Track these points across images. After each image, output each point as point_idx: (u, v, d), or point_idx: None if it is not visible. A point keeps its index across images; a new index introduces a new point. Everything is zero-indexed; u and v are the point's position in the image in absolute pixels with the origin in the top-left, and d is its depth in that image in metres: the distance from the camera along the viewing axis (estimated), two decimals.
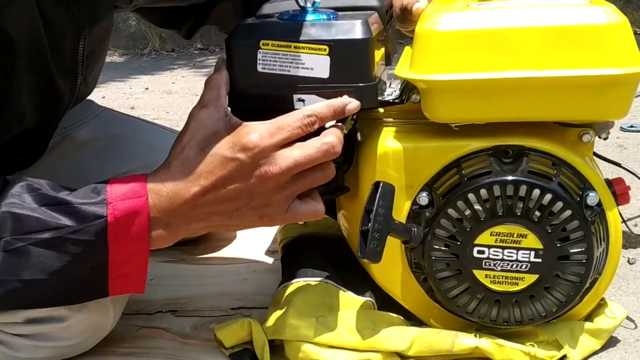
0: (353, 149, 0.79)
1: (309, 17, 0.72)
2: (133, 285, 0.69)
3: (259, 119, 0.68)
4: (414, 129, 0.77)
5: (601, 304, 0.79)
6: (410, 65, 0.72)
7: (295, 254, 0.89)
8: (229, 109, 0.69)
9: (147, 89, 2.73)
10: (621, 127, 1.70)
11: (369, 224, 0.69)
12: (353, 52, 0.69)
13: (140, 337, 0.85)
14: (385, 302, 0.81)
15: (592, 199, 0.71)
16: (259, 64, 0.71)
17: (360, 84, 0.70)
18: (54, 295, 0.68)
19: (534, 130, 0.73)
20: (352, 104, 0.69)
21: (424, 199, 0.74)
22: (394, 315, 0.79)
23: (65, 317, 0.73)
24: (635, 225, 1.09)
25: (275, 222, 0.69)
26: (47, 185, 0.67)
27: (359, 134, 0.81)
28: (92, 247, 0.65)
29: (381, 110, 0.80)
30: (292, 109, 0.71)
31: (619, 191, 0.75)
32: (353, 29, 0.69)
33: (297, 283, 0.80)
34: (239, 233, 1.12)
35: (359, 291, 0.81)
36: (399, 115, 0.78)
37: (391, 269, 0.78)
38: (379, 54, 0.75)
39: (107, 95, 2.63)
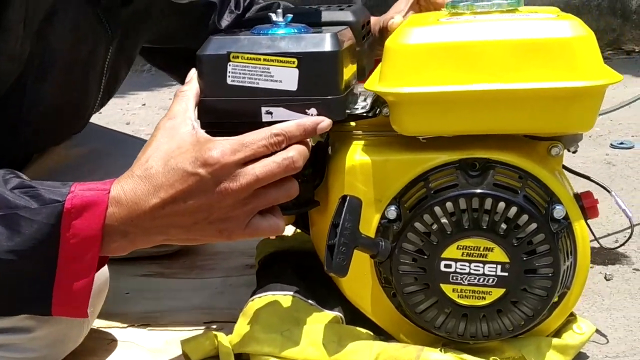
0: (324, 162, 0.79)
1: (280, 31, 0.73)
2: (77, 298, 0.65)
3: (229, 131, 0.68)
4: (383, 142, 0.76)
5: (570, 320, 0.78)
6: (379, 79, 0.72)
7: (268, 268, 0.89)
8: (197, 122, 0.69)
9: (144, 104, 2.74)
10: (611, 144, 1.70)
11: (336, 238, 0.69)
12: (321, 65, 0.69)
13: (110, 350, 0.84)
14: (356, 317, 0.80)
15: (558, 212, 0.71)
16: (229, 76, 0.71)
17: (329, 97, 0.70)
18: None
19: (501, 143, 0.73)
20: (323, 122, 0.69)
21: (392, 213, 0.74)
22: (362, 330, 0.78)
23: (31, 328, 0.73)
24: (616, 240, 1.09)
25: (235, 237, 0.68)
26: (19, 173, 0.67)
27: (330, 147, 0.81)
28: (45, 232, 0.63)
29: (353, 123, 0.80)
30: (261, 121, 0.71)
31: (587, 205, 0.75)
32: (322, 42, 0.69)
33: (266, 297, 0.79)
34: (219, 247, 1.12)
35: (328, 306, 0.80)
36: (370, 128, 0.78)
37: (361, 284, 0.78)
38: (350, 68, 0.75)
39: (103, 110, 2.63)
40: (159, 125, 0.69)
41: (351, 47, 0.76)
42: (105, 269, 0.83)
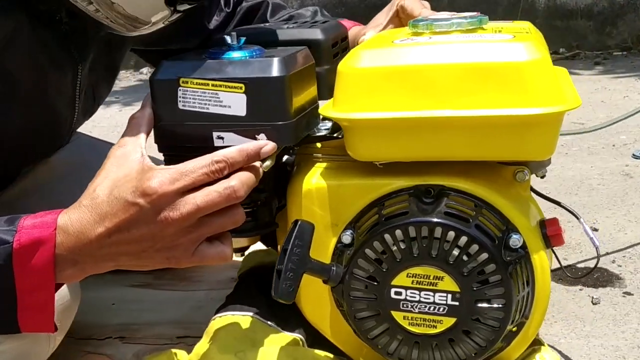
0: (286, 184, 0.79)
1: (234, 54, 0.72)
2: (42, 319, 0.68)
3: (185, 156, 0.69)
4: (341, 166, 0.75)
5: (535, 349, 0.76)
6: (333, 103, 0.71)
7: (238, 285, 0.89)
8: (144, 150, 0.69)
9: None
10: (633, 155, 1.63)
11: (283, 264, 0.69)
12: (268, 91, 0.69)
13: None
14: (317, 339, 0.80)
15: (514, 241, 0.68)
16: (180, 101, 0.71)
17: (278, 122, 0.69)
18: None
19: (461, 169, 0.71)
20: (267, 146, 0.68)
21: (347, 238, 0.73)
22: (321, 352, 0.78)
23: None
24: (613, 261, 1.05)
25: (183, 264, 0.68)
26: None
27: (296, 168, 0.80)
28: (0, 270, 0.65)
29: (319, 145, 0.79)
30: (213, 145, 0.71)
31: (550, 233, 0.72)
32: (269, 67, 0.69)
33: (226, 317, 0.80)
34: None
35: (289, 327, 0.80)
36: (331, 151, 0.77)
37: (320, 306, 0.77)
38: (306, 90, 0.75)
39: (111, 116, 2.66)
40: (110, 154, 0.70)
41: (307, 69, 0.75)
42: (77, 288, 0.85)
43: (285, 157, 0.81)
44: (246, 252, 0.94)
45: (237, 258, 0.98)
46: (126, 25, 0.77)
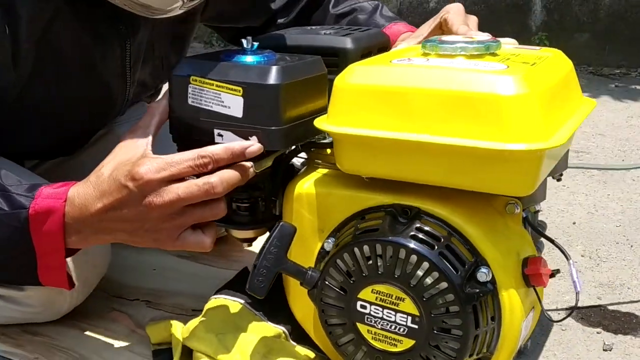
0: (287, 183, 0.81)
1: (247, 58, 0.76)
2: (58, 278, 0.77)
3: (190, 145, 0.74)
4: (334, 175, 0.77)
5: None
6: (328, 115, 0.73)
7: (243, 270, 0.93)
8: (150, 138, 0.75)
9: None
10: None
11: (259, 260, 0.72)
12: (263, 96, 0.71)
13: (105, 318, 0.95)
14: (303, 336, 0.82)
15: (481, 274, 0.66)
16: (189, 97, 0.75)
17: (270, 127, 0.72)
18: None
19: (443, 194, 0.70)
20: (252, 147, 0.71)
21: (328, 245, 0.74)
22: (302, 349, 0.80)
23: (23, 287, 0.86)
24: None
25: (168, 247, 0.74)
26: (3, 173, 0.79)
27: (301, 171, 0.83)
28: (20, 231, 0.74)
29: (328, 151, 0.81)
30: (213, 140, 0.75)
31: (528, 271, 0.69)
32: (266, 74, 0.71)
33: (220, 299, 0.84)
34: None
35: (275, 320, 0.83)
36: (331, 159, 0.79)
37: (305, 305, 0.79)
38: (307, 99, 0.76)
39: None
40: (122, 137, 0.76)
41: (313, 79, 0.76)
42: (106, 249, 0.94)
43: (295, 159, 0.83)
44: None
45: (251, 248, 1.02)
46: (143, 11, 0.82)
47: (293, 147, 0.80)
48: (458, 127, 0.64)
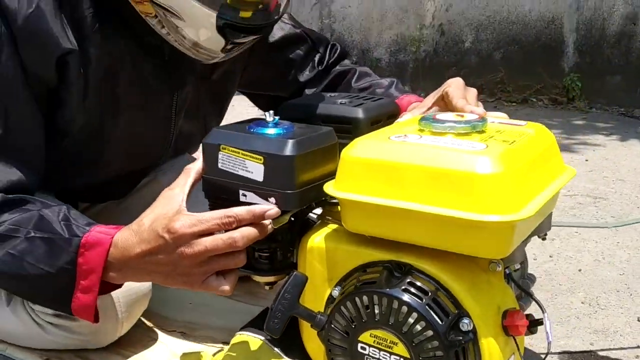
0: (302, 235, 0.92)
1: (268, 130, 0.88)
2: (87, 304, 0.88)
3: (219, 204, 0.86)
4: (341, 231, 0.88)
5: None
6: (335, 180, 0.84)
7: (262, 312, 1.04)
8: (185, 195, 0.87)
9: None
10: None
11: (274, 304, 0.83)
12: (280, 165, 0.83)
13: (146, 346, 1.08)
14: None
15: (464, 325, 0.76)
16: (219, 162, 0.88)
17: (285, 191, 0.84)
18: (35, 283, 0.90)
19: (433, 253, 0.80)
20: (270, 211, 0.83)
21: (335, 292, 0.85)
22: None
23: (76, 317, 0.99)
24: None
25: (195, 289, 0.86)
26: (71, 210, 0.93)
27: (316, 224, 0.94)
28: (69, 255, 0.87)
29: (338, 207, 0.92)
30: (238, 199, 0.87)
31: (506, 323, 0.79)
32: (284, 147, 0.83)
33: (243, 335, 0.96)
34: None
35: (292, 355, 0.94)
36: (338, 216, 0.90)
37: (317, 344, 0.90)
38: (320, 166, 0.87)
39: None
40: (162, 193, 0.89)
41: (325, 149, 0.88)
42: (148, 286, 1.06)
43: (311, 215, 0.95)
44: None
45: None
46: (191, 50, 0.95)
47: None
48: (442, 198, 0.74)
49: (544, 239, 0.92)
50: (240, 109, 1.33)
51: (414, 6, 3.91)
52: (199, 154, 0.91)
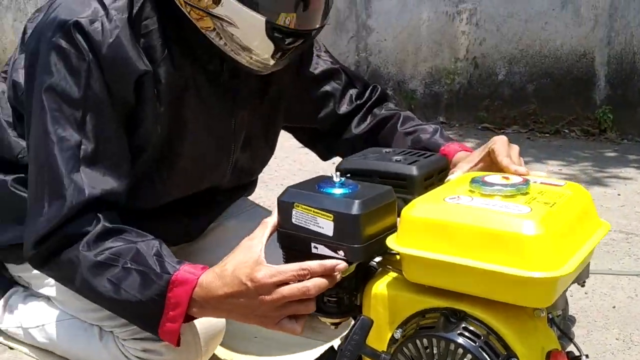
0: (366, 282, 1.04)
1: (336, 190, 1.00)
2: (172, 332, 1.01)
3: (292, 255, 0.99)
4: (401, 279, 0.99)
5: None
6: (396, 236, 0.95)
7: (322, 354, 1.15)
8: (263, 246, 0.99)
9: None
10: None
11: (344, 345, 0.94)
12: (347, 222, 0.95)
13: None
14: None
15: None
16: (293, 217, 1.00)
17: (353, 245, 0.95)
18: (128, 307, 1.04)
19: (484, 301, 0.90)
20: (340, 265, 0.94)
21: (397, 334, 0.96)
22: None
23: (163, 352, 1.11)
24: None
25: (270, 328, 0.98)
26: (161, 244, 1.06)
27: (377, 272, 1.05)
28: (161, 288, 1.00)
29: (397, 257, 1.03)
30: (310, 251, 0.99)
31: None
32: (351, 206, 0.95)
33: None
34: None
35: None
36: (399, 265, 1.01)
37: None
38: (383, 222, 0.99)
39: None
40: (242, 242, 1.01)
41: (386, 206, 0.99)
42: (222, 322, 1.18)
43: (372, 262, 1.06)
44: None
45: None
46: (245, 58, 1.09)
47: None
48: (493, 255, 0.85)
49: (582, 285, 1.02)
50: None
51: (448, 40, 4.02)
52: (275, 211, 1.04)
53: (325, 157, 1.47)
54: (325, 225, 0.97)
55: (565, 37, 3.69)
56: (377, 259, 1.05)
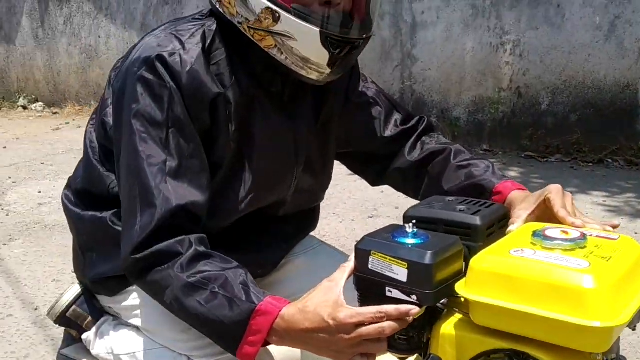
0: (434, 322, 1.14)
1: (409, 240, 1.10)
2: (249, 356, 1.13)
3: (368, 298, 1.10)
4: (467, 321, 1.09)
5: None
6: (465, 283, 1.06)
7: None
8: (342, 288, 1.11)
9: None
10: None
11: None
12: (420, 271, 1.05)
13: None
14: None
15: None
16: (370, 264, 1.11)
17: (425, 291, 1.06)
18: (213, 327, 1.16)
19: (546, 344, 1.00)
20: (413, 310, 1.05)
21: None
22: None
23: None
24: None
25: None
26: (247, 274, 1.17)
27: (444, 313, 1.15)
28: (244, 315, 1.11)
29: (462, 299, 1.13)
30: (384, 294, 1.09)
31: None
32: (424, 256, 1.05)
33: None
34: None
35: None
36: (465, 308, 1.11)
37: None
38: (452, 268, 1.09)
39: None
40: (322, 283, 1.12)
41: (454, 255, 1.10)
42: (298, 351, 1.30)
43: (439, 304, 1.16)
44: None
45: None
46: (305, 68, 1.23)
47: None
48: (555, 305, 0.94)
49: (633, 329, 1.10)
50: None
51: (491, 70, 4.12)
52: (352, 256, 1.15)
53: (374, 182, 1.57)
54: (400, 272, 1.08)
55: (608, 69, 3.75)
56: (443, 300, 1.16)
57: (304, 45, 1.21)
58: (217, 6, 1.27)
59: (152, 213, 1.18)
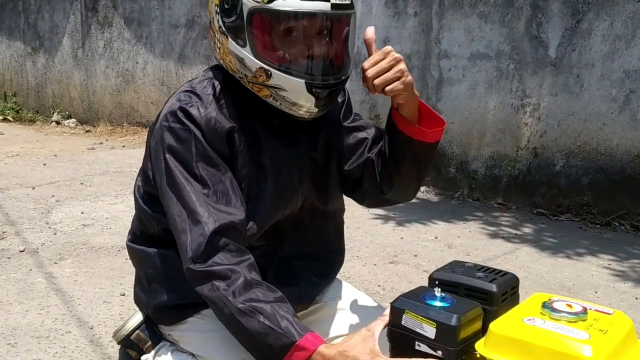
0: None
1: (437, 303, 1.29)
2: None
3: (398, 347, 1.28)
4: None
5: None
6: (484, 342, 1.24)
7: None
8: (376, 339, 1.29)
9: (436, 237, 3.36)
10: None
11: None
12: (447, 331, 1.24)
13: None
14: None
15: None
16: (403, 321, 1.29)
17: (449, 348, 1.25)
18: (256, 349, 1.35)
19: None
20: None
21: None
22: None
23: None
24: None
25: None
26: (289, 309, 1.36)
27: None
28: (282, 346, 1.29)
29: (479, 355, 1.32)
30: (413, 347, 1.28)
31: None
32: (450, 318, 1.24)
33: None
34: None
35: None
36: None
37: None
38: (473, 327, 1.28)
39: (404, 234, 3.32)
40: (361, 331, 1.31)
41: (475, 318, 1.28)
42: None
43: None
44: None
45: None
46: (296, 111, 1.47)
47: None
48: None
49: None
50: None
51: (511, 129, 4.31)
52: (386, 311, 1.34)
53: (360, 201, 1.76)
54: (429, 330, 1.27)
55: (621, 138, 3.93)
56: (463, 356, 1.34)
57: (293, 94, 1.45)
58: (222, 63, 1.54)
59: (201, 229, 1.40)
